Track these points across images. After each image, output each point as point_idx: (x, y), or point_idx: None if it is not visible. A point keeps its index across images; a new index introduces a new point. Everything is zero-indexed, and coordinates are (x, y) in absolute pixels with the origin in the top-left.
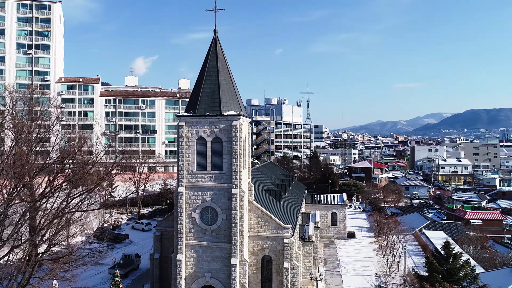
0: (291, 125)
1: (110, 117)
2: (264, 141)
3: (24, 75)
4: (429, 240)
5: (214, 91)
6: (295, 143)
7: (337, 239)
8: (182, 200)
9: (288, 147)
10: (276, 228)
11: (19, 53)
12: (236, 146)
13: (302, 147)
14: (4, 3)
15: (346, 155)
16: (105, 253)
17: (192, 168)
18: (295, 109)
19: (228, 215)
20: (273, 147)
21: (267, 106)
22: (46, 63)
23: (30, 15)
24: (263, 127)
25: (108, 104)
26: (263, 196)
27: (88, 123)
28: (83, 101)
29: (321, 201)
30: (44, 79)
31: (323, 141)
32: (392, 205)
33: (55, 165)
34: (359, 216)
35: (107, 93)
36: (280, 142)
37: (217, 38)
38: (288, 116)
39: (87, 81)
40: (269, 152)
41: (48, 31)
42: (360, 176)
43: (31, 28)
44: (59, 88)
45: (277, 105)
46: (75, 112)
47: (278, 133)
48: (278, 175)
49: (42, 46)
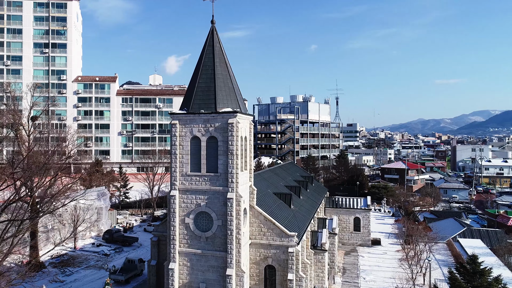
0: (318, 124)
1: (127, 116)
2: (289, 141)
3: (41, 75)
4: (463, 249)
5: (210, 87)
6: (322, 142)
7: (360, 246)
8: (175, 204)
9: (315, 147)
10: (280, 236)
11: (36, 53)
12: (232, 146)
13: (330, 146)
14: (21, 3)
15: (381, 155)
16: (112, 256)
17: (185, 170)
18: (323, 107)
19: (224, 221)
20: (298, 147)
21: (292, 104)
22: (62, 62)
23: (46, 14)
24: (287, 125)
25: (124, 103)
26: (271, 200)
27: (105, 122)
28: (99, 100)
29: (343, 205)
30: (61, 78)
31: (357, 140)
32: (425, 209)
33: (72, 165)
34: (387, 221)
35: (124, 91)
36: (306, 141)
37: (214, 29)
38: (315, 114)
39: (103, 79)
40: (293, 151)
41: (64, 30)
42: (394, 178)
43: (48, 27)
44: (76, 87)
45: (302, 103)
46: (91, 111)
47: (304, 132)
48: (296, 176)
49: (58, 45)
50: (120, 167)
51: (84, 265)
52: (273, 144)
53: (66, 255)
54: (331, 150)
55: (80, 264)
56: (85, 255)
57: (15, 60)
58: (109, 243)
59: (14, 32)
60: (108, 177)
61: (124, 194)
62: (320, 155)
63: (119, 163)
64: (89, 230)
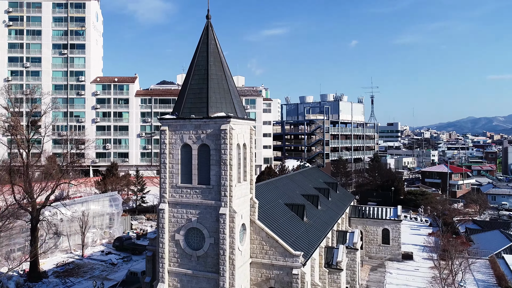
0: (351, 124)
1: (146, 117)
2: (318, 142)
3: (60, 76)
4: (508, 268)
5: (202, 89)
6: (355, 144)
7: (389, 260)
8: (164, 219)
9: (347, 149)
10: (283, 255)
11: (54, 54)
12: (225, 155)
13: (365, 148)
14: (40, 4)
15: (423, 156)
16: (119, 266)
17: (176, 181)
18: (356, 106)
19: (216, 239)
20: (328, 149)
21: (322, 104)
22: (81, 63)
23: (65, 15)
24: (316, 126)
25: (143, 104)
26: (281, 212)
27: (123, 124)
28: (118, 101)
29: (370, 215)
30: (79, 79)
31: (398, 141)
32: (468, 219)
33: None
34: (424, 231)
35: (143, 92)
36: (337, 143)
37: (209, 25)
38: (347, 114)
39: (122, 80)
40: (323, 154)
41: (82, 30)
42: (435, 182)
43: (66, 27)
44: (94, 88)
45: (333, 102)
46: (110, 113)
47: (335, 133)
48: (318, 183)
49: (77, 46)
50: (137, 170)
51: (88, 275)
52: (301, 146)
53: (73, 263)
54: (366, 152)
55: (84, 274)
56: (91, 263)
57: (34, 62)
58: (119, 251)
59: (33, 33)
60: (123, 181)
61: (141, 198)
62: (354, 157)
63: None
64: (100, 237)
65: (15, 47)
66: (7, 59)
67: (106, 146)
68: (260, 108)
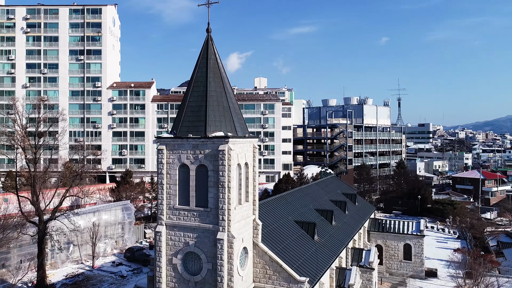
0: (376, 128)
1: (162, 123)
2: (340, 147)
3: (77, 82)
4: None
5: (201, 106)
6: (381, 149)
7: (411, 277)
8: (161, 242)
9: (372, 154)
10: (287, 281)
11: (71, 60)
12: (223, 177)
13: (391, 153)
14: (57, 10)
15: (455, 159)
16: (128, 278)
17: (173, 203)
18: (381, 110)
19: (214, 265)
20: (351, 154)
21: (345, 107)
22: (97, 69)
23: (81, 20)
24: (339, 131)
25: (159, 109)
26: (289, 231)
27: (140, 129)
28: (134, 107)
29: (390, 229)
30: (95, 85)
31: (430, 142)
32: (501, 231)
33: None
34: (451, 244)
35: (159, 97)
36: (361, 148)
37: (210, 39)
38: (372, 118)
39: (139, 85)
40: (346, 160)
41: (99, 36)
42: (467, 189)
43: (83, 33)
44: (111, 94)
45: (357, 106)
46: (126, 118)
47: (358, 138)
48: (335, 195)
49: (93, 52)
50: (151, 177)
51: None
52: (323, 151)
53: (82, 274)
54: (392, 157)
55: (93, 286)
56: (101, 275)
57: (52, 68)
58: (130, 262)
59: (50, 40)
60: (138, 188)
61: (155, 206)
62: (379, 163)
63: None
64: (111, 246)
65: (32, 53)
66: (25, 65)
67: (122, 152)
68: (279, 113)
